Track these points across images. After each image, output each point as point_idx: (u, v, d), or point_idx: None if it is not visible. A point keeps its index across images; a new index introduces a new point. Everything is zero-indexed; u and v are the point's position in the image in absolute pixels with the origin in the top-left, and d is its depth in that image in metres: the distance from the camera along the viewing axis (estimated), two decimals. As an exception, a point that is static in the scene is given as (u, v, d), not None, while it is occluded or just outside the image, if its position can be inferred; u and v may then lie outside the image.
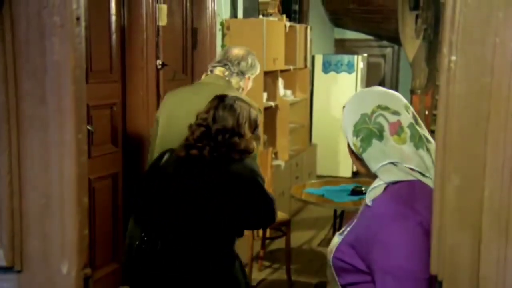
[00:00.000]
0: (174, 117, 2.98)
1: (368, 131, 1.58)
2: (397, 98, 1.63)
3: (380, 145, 1.56)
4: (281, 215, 4.35)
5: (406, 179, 1.54)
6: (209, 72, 3.19)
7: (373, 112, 1.58)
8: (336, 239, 1.67)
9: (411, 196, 1.50)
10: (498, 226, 0.85)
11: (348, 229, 1.64)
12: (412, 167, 1.53)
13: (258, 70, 3.21)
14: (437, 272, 0.92)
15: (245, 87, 3.17)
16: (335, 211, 4.75)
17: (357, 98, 1.67)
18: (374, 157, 1.57)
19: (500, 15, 0.74)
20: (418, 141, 1.55)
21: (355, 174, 7.97)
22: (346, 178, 7.32)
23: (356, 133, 1.60)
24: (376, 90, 1.67)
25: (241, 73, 3.11)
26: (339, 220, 4.77)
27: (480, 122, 0.82)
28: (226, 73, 3.09)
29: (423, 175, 1.54)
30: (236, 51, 3.17)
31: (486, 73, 0.79)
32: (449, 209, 0.86)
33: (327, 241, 5.27)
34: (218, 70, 3.12)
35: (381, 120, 1.57)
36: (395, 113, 1.57)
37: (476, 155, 0.83)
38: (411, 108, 1.63)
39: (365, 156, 1.60)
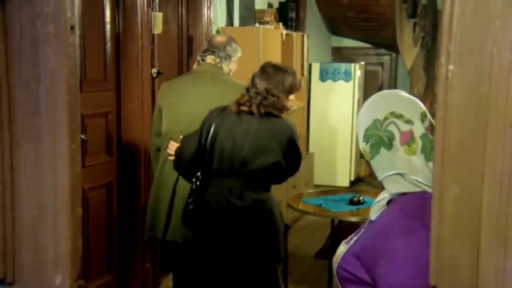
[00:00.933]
0: (177, 110, 3.34)
1: (378, 138, 1.55)
2: (414, 106, 1.58)
3: (388, 154, 1.54)
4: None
5: (414, 190, 1.52)
6: (200, 61, 3.48)
7: (385, 118, 1.55)
8: (342, 248, 1.65)
9: (420, 208, 1.47)
10: (496, 236, 0.85)
11: (355, 238, 1.63)
12: (419, 179, 1.51)
13: (240, 53, 3.59)
14: (436, 283, 0.92)
15: (232, 69, 3.56)
16: (333, 221, 4.74)
17: (373, 102, 1.63)
18: (381, 166, 1.55)
19: (497, 25, 0.75)
20: (429, 153, 1.51)
21: (353, 183, 7.98)
22: (344, 188, 7.31)
23: (366, 138, 1.58)
24: (394, 94, 1.63)
25: (228, 57, 3.48)
26: (337, 230, 4.77)
27: (478, 132, 0.82)
28: (217, 60, 3.43)
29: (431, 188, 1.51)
30: (219, 38, 3.56)
31: (484, 83, 0.79)
32: (448, 219, 0.87)
33: (324, 252, 5.26)
34: (209, 58, 3.44)
35: (392, 128, 1.54)
36: (409, 122, 1.54)
37: (475, 165, 0.83)
38: (429, 116, 1.58)
39: (372, 164, 1.58)
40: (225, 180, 2.95)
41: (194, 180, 3.05)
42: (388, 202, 1.58)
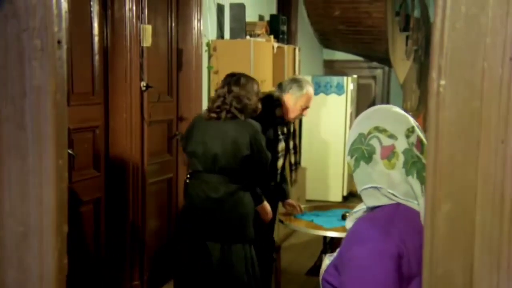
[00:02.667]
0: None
1: (360, 152, 1.60)
2: (401, 121, 1.61)
3: (366, 168, 1.58)
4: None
5: (389, 203, 1.56)
6: None
7: (369, 133, 1.60)
8: (327, 261, 1.70)
9: (389, 219, 1.52)
10: (489, 253, 0.86)
11: (338, 249, 1.68)
12: (396, 194, 1.55)
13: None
14: (429, 302, 0.92)
15: None
16: (325, 237, 4.74)
17: (362, 117, 1.68)
18: (359, 179, 1.61)
19: (487, 40, 0.76)
20: (410, 167, 1.54)
21: (345, 198, 7.98)
22: (336, 203, 7.32)
23: (351, 152, 1.63)
24: (383, 110, 1.67)
25: None
26: (329, 246, 4.76)
27: (470, 148, 0.83)
28: None
29: (409, 202, 1.56)
30: None
31: (476, 98, 0.80)
32: (440, 236, 0.87)
33: (316, 268, 5.25)
34: None
35: (374, 142, 1.58)
36: (391, 136, 1.57)
37: (467, 181, 0.84)
38: (418, 132, 1.60)
39: (354, 176, 1.64)
40: (204, 175, 3.56)
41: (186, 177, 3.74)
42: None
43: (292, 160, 4.39)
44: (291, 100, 3.99)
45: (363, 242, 1.50)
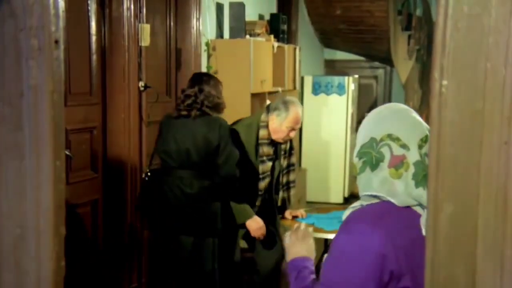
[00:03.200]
0: None
1: (369, 157, 1.60)
2: (416, 130, 1.60)
3: (369, 175, 1.60)
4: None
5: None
6: None
7: (381, 140, 1.59)
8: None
9: (379, 213, 1.56)
10: (493, 256, 0.86)
11: None
12: (394, 202, 1.56)
13: None
14: (431, 305, 0.92)
15: None
16: (326, 240, 4.73)
17: (376, 118, 1.67)
18: (362, 184, 1.63)
19: (490, 40, 0.76)
20: (421, 180, 1.54)
21: (347, 199, 7.98)
22: (337, 205, 7.32)
23: (359, 154, 1.64)
24: (400, 114, 1.65)
25: None
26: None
27: (472, 149, 0.83)
28: None
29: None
30: None
31: (478, 99, 0.80)
32: (442, 238, 0.87)
33: (318, 272, 5.24)
34: None
35: (385, 150, 1.58)
36: (404, 146, 1.57)
37: (469, 183, 0.84)
38: None
39: (357, 179, 1.66)
40: (178, 171, 3.68)
41: (144, 174, 3.92)
42: None
43: (284, 180, 4.34)
44: (276, 120, 3.95)
45: (349, 233, 1.56)
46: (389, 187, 1.56)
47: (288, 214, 4.26)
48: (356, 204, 1.67)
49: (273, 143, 4.07)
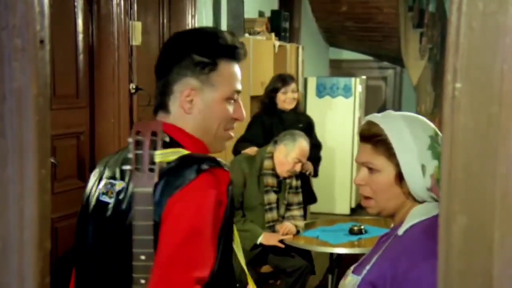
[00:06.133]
0: None
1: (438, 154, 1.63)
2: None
3: None
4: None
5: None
6: None
7: (436, 134, 1.67)
8: (351, 278, 1.68)
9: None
10: (511, 273, 0.86)
11: (368, 267, 1.66)
12: None
13: None
14: (444, 324, 0.93)
15: None
16: (331, 254, 4.73)
17: (415, 120, 1.73)
18: None
19: (507, 41, 0.76)
20: None
21: (353, 210, 7.98)
22: (343, 216, 7.32)
23: (436, 156, 1.64)
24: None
25: None
26: (335, 263, 4.76)
27: (488, 156, 0.83)
28: None
29: None
30: None
31: (494, 102, 0.80)
32: (456, 253, 0.87)
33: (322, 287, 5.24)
34: None
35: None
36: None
37: (485, 193, 0.84)
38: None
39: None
40: None
41: None
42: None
43: (298, 213, 4.52)
44: (283, 150, 4.21)
45: (430, 258, 1.47)
46: None
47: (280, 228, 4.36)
48: (420, 211, 1.66)
49: (277, 176, 4.25)
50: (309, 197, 5.12)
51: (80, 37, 4.01)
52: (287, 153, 4.18)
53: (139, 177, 1.55)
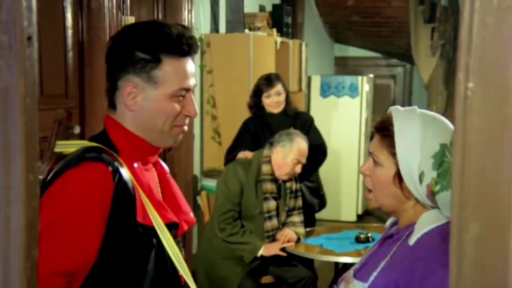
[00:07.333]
0: None
1: (448, 166, 1.60)
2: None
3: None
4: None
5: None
6: None
7: (452, 144, 1.62)
8: (356, 285, 1.69)
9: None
10: (526, 283, 0.86)
11: (375, 274, 1.66)
12: None
13: None
14: None
15: None
16: (336, 263, 4.74)
17: (433, 123, 1.70)
18: (447, 202, 1.60)
19: (522, 38, 0.77)
20: None
21: (360, 217, 7.98)
22: (350, 223, 7.32)
23: (437, 166, 1.62)
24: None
25: None
26: (341, 273, 4.77)
27: (502, 160, 0.83)
28: None
29: None
30: None
31: (509, 103, 0.81)
32: (468, 264, 0.88)
33: (327, 300, 5.24)
34: None
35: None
36: None
37: (499, 199, 0.84)
38: None
39: (439, 197, 1.62)
40: None
41: None
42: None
43: (298, 219, 4.52)
44: (281, 153, 4.18)
45: (447, 265, 1.49)
46: None
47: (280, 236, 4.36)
48: (431, 218, 1.66)
49: (276, 181, 4.23)
50: (319, 201, 5.11)
51: (69, 32, 4.01)
52: (285, 155, 4.16)
53: (40, 166, 1.67)
